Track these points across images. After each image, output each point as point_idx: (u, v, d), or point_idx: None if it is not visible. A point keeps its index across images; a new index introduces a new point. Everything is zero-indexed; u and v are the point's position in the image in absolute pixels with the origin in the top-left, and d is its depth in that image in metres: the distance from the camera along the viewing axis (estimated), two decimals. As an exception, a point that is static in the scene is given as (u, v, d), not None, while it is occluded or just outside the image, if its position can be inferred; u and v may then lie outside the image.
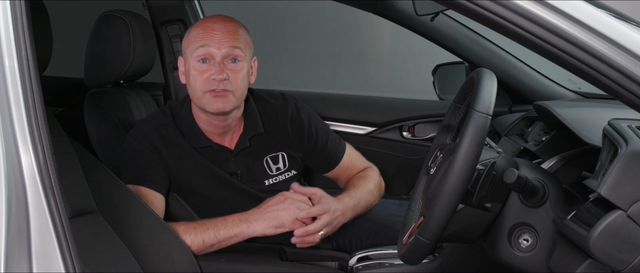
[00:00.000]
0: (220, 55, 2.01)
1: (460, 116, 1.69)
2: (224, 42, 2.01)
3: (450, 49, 2.60)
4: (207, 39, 2.01)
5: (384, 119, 2.75)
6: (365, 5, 2.61)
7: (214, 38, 2.01)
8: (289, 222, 1.99)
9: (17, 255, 1.19)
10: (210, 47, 2.00)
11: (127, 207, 1.84)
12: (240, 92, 2.05)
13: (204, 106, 2.03)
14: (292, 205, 1.99)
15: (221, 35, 2.01)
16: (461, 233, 1.54)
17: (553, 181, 1.54)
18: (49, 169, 1.21)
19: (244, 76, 2.05)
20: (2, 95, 1.20)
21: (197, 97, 2.04)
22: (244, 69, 2.04)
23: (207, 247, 1.95)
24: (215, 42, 2.01)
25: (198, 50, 2.01)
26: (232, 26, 2.05)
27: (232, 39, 2.02)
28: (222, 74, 1.98)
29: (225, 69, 2.00)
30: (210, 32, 2.02)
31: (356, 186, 2.20)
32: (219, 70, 1.99)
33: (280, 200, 2.01)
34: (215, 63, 2.00)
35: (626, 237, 1.28)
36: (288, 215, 1.98)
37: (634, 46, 1.25)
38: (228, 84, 2.00)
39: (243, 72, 2.04)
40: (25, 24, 1.22)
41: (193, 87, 2.04)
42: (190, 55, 2.03)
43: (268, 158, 2.18)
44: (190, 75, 2.04)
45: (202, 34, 2.02)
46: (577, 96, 2.51)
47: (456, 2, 1.30)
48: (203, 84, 2.01)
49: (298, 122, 2.22)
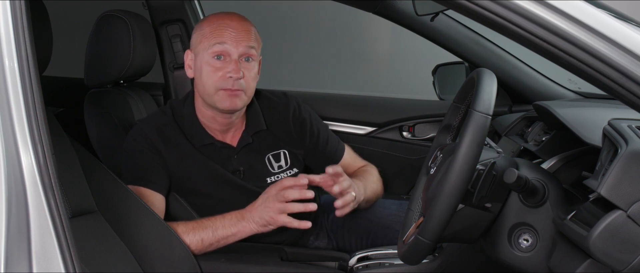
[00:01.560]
0: (237, 53, 2.01)
1: (460, 116, 1.69)
2: (241, 41, 2.01)
3: (450, 49, 2.61)
4: (224, 36, 2.01)
5: (384, 119, 2.75)
6: (365, 5, 2.61)
7: (231, 36, 2.01)
8: (273, 218, 1.92)
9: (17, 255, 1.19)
10: (227, 44, 2.01)
11: (127, 207, 1.84)
12: (250, 91, 2.07)
13: (214, 103, 2.03)
14: (273, 203, 1.92)
15: (238, 33, 2.02)
16: (461, 233, 1.54)
17: (553, 181, 1.54)
18: (49, 169, 1.21)
19: (255, 75, 2.07)
20: (2, 95, 1.20)
21: (209, 93, 2.03)
22: (255, 68, 2.06)
23: (206, 247, 1.95)
24: (232, 40, 2.01)
25: (214, 46, 2.01)
26: (247, 25, 2.06)
27: (248, 38, 2.03)
28: (239, 73, 1.99)
29: (241, 67, 2.00)
30: (227, 29, 2.02)
31: (359, 176, 2.21)
32: (236, 68, 1.99)
33: (264, 199, 1.95)
34: (232, 61, 2.01)
35: (626, 237, 1.28)
36: (273, 213, 1.92)
37: (634, 46, 1.25)
38: (242, 83, 2.01)
39: (255, 71, 2.06)
40: (25, 24, 1.22)
41: (205, 83, 2.03)
42: (205, 51, 2.03)
43: (270, 155, 2.18)
44: (202, 71, 2.03)
45: (219, 31, 2.02)
46: (577, 96, 2.51)
47: (456, 2, 1.30)
48: (218, 81, 2.01)
49: (300, 120, 2.22)
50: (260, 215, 1.94)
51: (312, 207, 1.91)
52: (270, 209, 1.92)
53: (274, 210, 1.91)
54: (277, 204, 1.91)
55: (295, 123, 2.21)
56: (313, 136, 2.24)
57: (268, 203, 1.93)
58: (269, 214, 1.92)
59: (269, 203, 1.93)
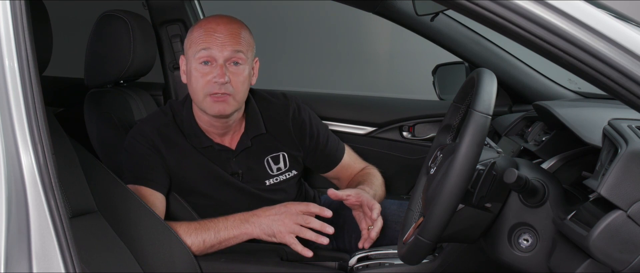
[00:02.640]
0: (223, 58, 2.00)
1: (460, 116, 1.69)
2: (226, 45, 2.00)
3: (450, 49, 2.60)
4: (210, 42, 2.01)
5: (384, 119, 2.75)
6: (365, 5, 2.61)
7: (217, 41, 2.00)
8: (281, 234, 1.94)
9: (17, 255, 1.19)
10: (212, 49, 2.00)
11: (127, 207, 1.84)
12: (240, 95, 2.05)
13: (205, 109, 2.03)
14: (289, 221, 1.94)
15: (224, 37, 2.01)
16: (461, 233, 1.54)
17: (553, 181, 1.54)
18: (49, 169, 1.21)
19: (244, 79, 2.04)
20: (2, 95, 1.20)
21: (199, 99, 2.04)
22: (245, 72, 2.04)
23: (207, 248, 1.95)
24: (217, 45, 2.00)
25: (200, 52, 2.01)
26: (234, 28, 2.04)
27: (235, 42, 2.02)
28: (224, 78, 1.98)
29: (227, 72, 2.00)
30: (212, 34, 2.01)
31: (366, 181, 2.21)
32: (221, 73, 1.99)
33: (281, 212, 1.97)
34: (217, 66, 2.00)
35: (626, 237, 1.28)
36: (283, 229, 1.94)
37: (634, 46, 1.25)
38: (229, 87, 2.00)
39: (244, 75, 2.04)
40: (25, 24, 1.22)
41: (194, 88, 2.04)
42: (193, 57, 2.03)
43: (269, 158, 2.18)
44: (191, 76, 2.04)
45: (204, 36, 2.02)
46: (577, 96, 2.51)
47: (456, 2, 1.30)
48: (205, 86, 2.01)
49: (299, 122, 2.22)
50: (269, 224, 1.95)
51: (324, 241, 1.94)
52: (283, 225, 1.94)
53: (286, 227, 1.93)
54: (293, 225, 1.93)
55: (294, 125, 2.21)
56: (313, 137, 2.24)
57: (284, 218, 1.94)
58: (279, 228, 1.94)
59: (284, 219, 1.94)
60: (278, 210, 1.97)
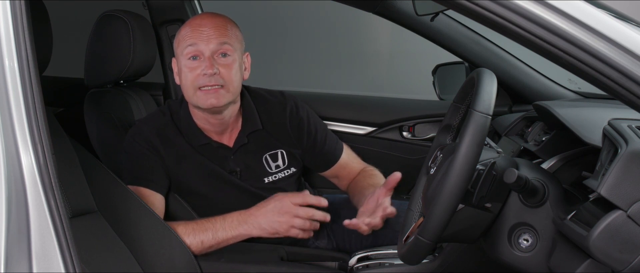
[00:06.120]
0: (209, 50, 2.01)
1: (460, 116, 1.69)
2: (212, 38, 2.01)
3: (450, 49, 2.60)
4: (196, 37, 2.02)
5: (384, 119, 2.75)
6: (365, 5, 2.61)
7: (202, 35, 2.01)
8: (283, 230, 1.98)
9: (17, 255, 1.19)
10: (199, 44, 2.01)
11: (127, 207, 1.84)
12: (233, 86, 2.04)
13: (197, 103, 2.03)
14: (289, 217, 1.98)
15: (209, 31, 2.02)
16: (461, 233, 1.54)
17: (553, 181, 1.54)
18: (49, 169, 1.21)
19: (236, 70, 2.04)
20: (2, 95, 1.20)
21: (189, 95, 2.04)
22: (235, 63, 2.04)
23: (206, 248, 1.96)
24: (203, 39, 2.01)
25: (187, 49, 2.02)
26: (220, 22, 2.05)
27: (220, 35, 2.03)
28: (212, 69, 1.99)
29: (215, 63, 2.00)
30: (198, 29, 2.02)
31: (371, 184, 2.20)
32: (209, 65, 1.99)
33: (276, 208, 1.99)
34: (205, 59, 2.01)
35: (626, 237, 1.28)
36: (285, 225, 1.98)
37: (634, 46, 1.25)
38: (219, 78, 2.00)
39: (235, 66, 2.04)
40: (25, 24, 1.22)
41: (185, 85, 2.04)
42: (181, 55, 2.04)
43: (267, 155, 2.18)
44: (181, 73, 2.05)
45: (191, 33, 2.03)
46: (577, 96, 2.51)
47: (456, 2, 1.30)
48: (194, 80, 2.01)
49: (297, 120, 2.22)
50: (269, 223, 1.98)
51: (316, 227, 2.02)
52: (280, 223, 1.98)
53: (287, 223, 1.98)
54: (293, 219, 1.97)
55: (292, 122, 2.21)
56: (310, 135, 2.23)
57: (278, 217, 1.98)
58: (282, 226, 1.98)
59: (279, 218, 1.98)
60: (274, 207, 1.99)
